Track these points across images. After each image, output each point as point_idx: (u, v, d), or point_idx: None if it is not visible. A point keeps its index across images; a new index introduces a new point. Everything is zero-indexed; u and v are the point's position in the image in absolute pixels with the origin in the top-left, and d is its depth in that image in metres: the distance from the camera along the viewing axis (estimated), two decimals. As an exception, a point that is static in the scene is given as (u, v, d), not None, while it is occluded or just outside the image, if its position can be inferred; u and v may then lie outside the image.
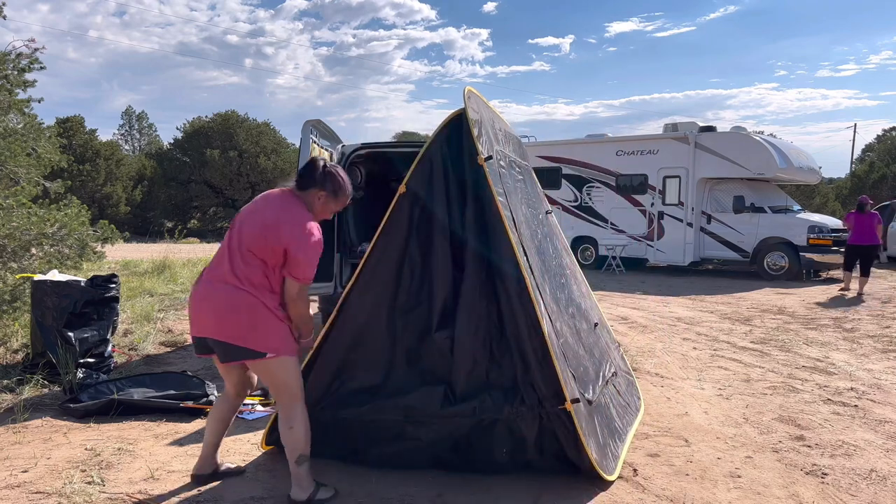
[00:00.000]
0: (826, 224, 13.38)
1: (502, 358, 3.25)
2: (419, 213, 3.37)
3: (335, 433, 3.41)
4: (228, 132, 37.18)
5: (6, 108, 6.03)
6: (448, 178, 3.39)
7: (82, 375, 4.85)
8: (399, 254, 3.36)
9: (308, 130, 5.79)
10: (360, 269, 3.39)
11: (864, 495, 3.29)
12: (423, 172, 3.39)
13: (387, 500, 3.10)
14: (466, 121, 3.36)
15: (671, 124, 15.01)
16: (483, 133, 3.47)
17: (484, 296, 3.28)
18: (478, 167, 3.32)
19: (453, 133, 3.41)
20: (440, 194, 3.37)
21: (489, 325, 3.27)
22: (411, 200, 3.37)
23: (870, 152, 40.00)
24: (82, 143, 33.70)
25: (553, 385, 3.13)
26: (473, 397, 3.22)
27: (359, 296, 3.39)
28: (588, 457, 3.15)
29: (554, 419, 3.17)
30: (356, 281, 3.40)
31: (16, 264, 5.80)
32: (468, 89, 3.49)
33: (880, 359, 6.32)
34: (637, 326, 8.09)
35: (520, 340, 3.20)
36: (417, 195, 3.37)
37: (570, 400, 3.11)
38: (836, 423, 4.40)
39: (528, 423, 3.21)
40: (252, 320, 2.89)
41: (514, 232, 3.33)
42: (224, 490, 3.21)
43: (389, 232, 3.38)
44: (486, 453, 3.30)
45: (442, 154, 3.40)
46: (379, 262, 3.38)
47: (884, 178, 27.49)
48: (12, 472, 3.42)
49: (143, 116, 61.73)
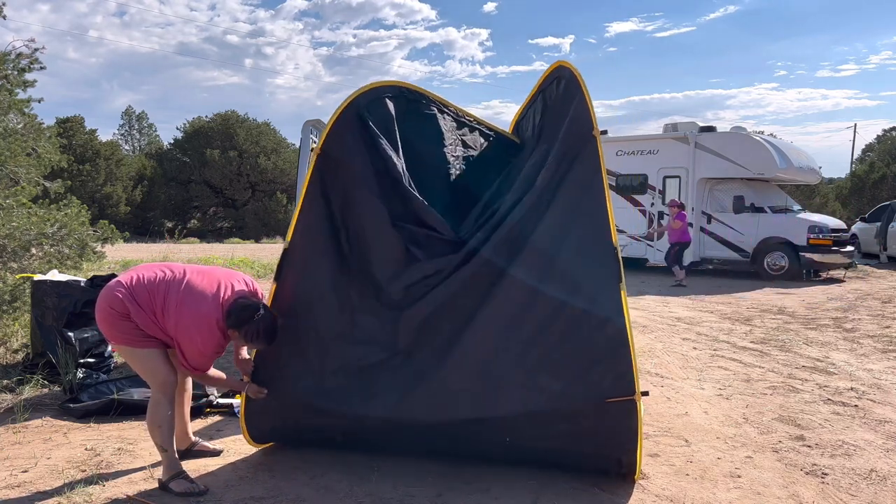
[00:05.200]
0: (826, 224, 13.37)
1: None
2: (337, 171, 3.47)
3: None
4: (228, 132, 37.17)
5: (6, 108, 6.03)
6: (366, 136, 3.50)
7: (82, 375, 4.84)
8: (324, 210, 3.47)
9: (308, 130, 5.79)
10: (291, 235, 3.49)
11: (864, 495, 3.29)
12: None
13: (387, 500, 3.10)
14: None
15: (671, 124, 15.00)
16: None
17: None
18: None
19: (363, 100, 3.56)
20: (357, 152, 3.47)
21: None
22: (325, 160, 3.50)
23: (870, 152, 39.99)
24: (82, 143, 33.69)
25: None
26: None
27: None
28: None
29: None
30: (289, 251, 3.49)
31: (16, 264, 5.80)
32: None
33: (880, 359, 6.32)
34: (637, 326, 8.09)
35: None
36: (334, 154, 3.48)
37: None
38: (836, 423, 4.40)
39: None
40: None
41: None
42: (224, 490, 3.21)
43: (313, 193, 3.48)
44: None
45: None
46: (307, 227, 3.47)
47: (884, 178, 27.45)
48: (12, 472, 3.42)
49: (143, 116, 61.62)
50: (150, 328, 3.16)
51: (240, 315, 3.14)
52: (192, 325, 3.10)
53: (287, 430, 3.66)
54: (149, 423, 3.21)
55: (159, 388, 3.20)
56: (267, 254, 18.15)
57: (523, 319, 3.18)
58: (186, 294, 3.15)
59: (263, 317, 3.17)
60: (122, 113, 69.37)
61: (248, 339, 3.19)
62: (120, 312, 3.13)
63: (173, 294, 3.15)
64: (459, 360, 3.20)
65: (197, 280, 3.21)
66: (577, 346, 3.13)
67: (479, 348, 3.20)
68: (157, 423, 3.18)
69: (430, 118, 3.80)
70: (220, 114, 38.70)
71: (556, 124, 3.50)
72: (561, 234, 3.25)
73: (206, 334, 3.12)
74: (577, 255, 3.22)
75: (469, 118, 4.07)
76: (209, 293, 3.17)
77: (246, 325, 3.14)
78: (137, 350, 3.17)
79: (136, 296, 3.14)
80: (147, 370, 3.21)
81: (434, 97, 3.90)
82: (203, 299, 3.14)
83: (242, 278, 3.42)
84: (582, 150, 3.32)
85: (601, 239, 3.21)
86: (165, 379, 3.20)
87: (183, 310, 3.11)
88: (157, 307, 3.14)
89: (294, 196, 6.40)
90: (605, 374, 3.10)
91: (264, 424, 3.61)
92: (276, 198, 35.72)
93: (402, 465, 3.44)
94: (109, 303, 3.14)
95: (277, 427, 3.64)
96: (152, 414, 3.20)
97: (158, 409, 3.19)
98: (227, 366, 3.82)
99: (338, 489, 3.22)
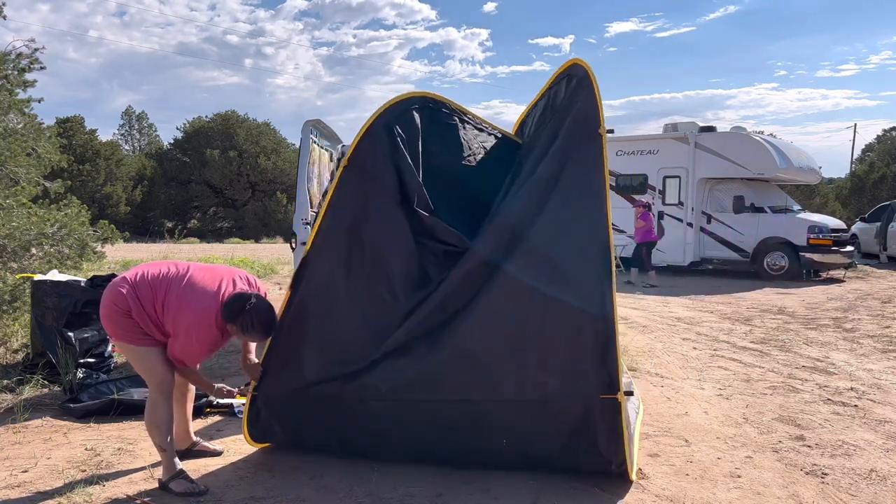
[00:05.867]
0: (826, 224, 13.37)
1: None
2: (367, 184, 3.51)
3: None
4: (228, 132, 37.20)
5: (6, 108, 6.03)
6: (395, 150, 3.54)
7: (82, 375, 4.85)
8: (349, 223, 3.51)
9: (308, 130, 5.80)
10: (311, 242, 3.52)
11: (864, 495, 3.29)
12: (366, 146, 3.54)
13: (387, 500, 3.10)
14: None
15: (671, 124, 15.00)
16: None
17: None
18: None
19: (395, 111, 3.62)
20: (386, 165, 3.51)
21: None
22: (356, 172, 3.53)
23: (870, 152, 39.98)
24: (82, 143, 33.71)
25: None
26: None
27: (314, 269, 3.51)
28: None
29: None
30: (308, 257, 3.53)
31: (16, 264, 5.80)
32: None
33: (880, 359, 6.32)
34: (637, 326, 8.09)
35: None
36: (362, 167, 3.51)
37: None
38: (836, 423, 4.40)
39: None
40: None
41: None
42: (224, 490, 3.21)
43: (336, 204, 3.51)
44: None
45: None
46: (328, 233, 3.50)
47: (884, 178, 27.45)
48: (12, 472, 3.42)
49: (143, 116, 61.61)
50: (148, 326, 3.16)
51: (232, 306, 3.14)
52: (191, 320, 3.11)
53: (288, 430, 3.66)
54: (147, 423, 3.22)
55: (157, 387, 3.21)
56: (267, 254, 18.16)
57: (516, 313, 3.23)
58: (188, 289, 3.15)
59: (256, 305, 3.15)
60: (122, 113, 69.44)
61: (244, 330, 3.17)
62: (122, 309, 3.14)
63: (175, 289, 3.16)
64: (453, 352, 3.26)
65: (199, 276, 3.22)
66: (566, 342, 3.16)
67: (471, 340, 3.25)
68: (155, 423, 3.19)
69: (452, 127, 3.85)
70: (220, 114, 38.75)
71: (560, 120, 3.51)
72: (558, 231, 3.27)
73: (203, 329, 3.12)
74: (573, 252, 3.23)
75: (487, 125, 4.12)
76: (210, 289, 3.17)
77: (240, 316, 3.13)
78: (138, 348, 3.18)
79: (138, 292, 3.15)
80: (145, 368, 3.22)
81: (455, 106, 3.96)
82: (204, 295, 3.14)
83: (245, 276, 3.42)
84: (586, 147, 3.33)
85: (598, 238, 3.22)
86: (163, 378, 3.21)
87: (183, 304, 3.12)
88: (158, 303, 3.15)
89: (294, 196, 6.40)
90: (591, 373, 3.13)
91: (265, 424, 3.61)
92: (276, 198, 35.74)
93: (401, 466, 3.44)
94: (113, 299, 3.16)
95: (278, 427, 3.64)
96: (150, 413, 3.20)
97: (156, 408, 3.19)
98: (230, 367, 3.82)
99: (338, 489, 3.22)
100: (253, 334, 3.22)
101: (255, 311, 3.14)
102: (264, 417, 3.57)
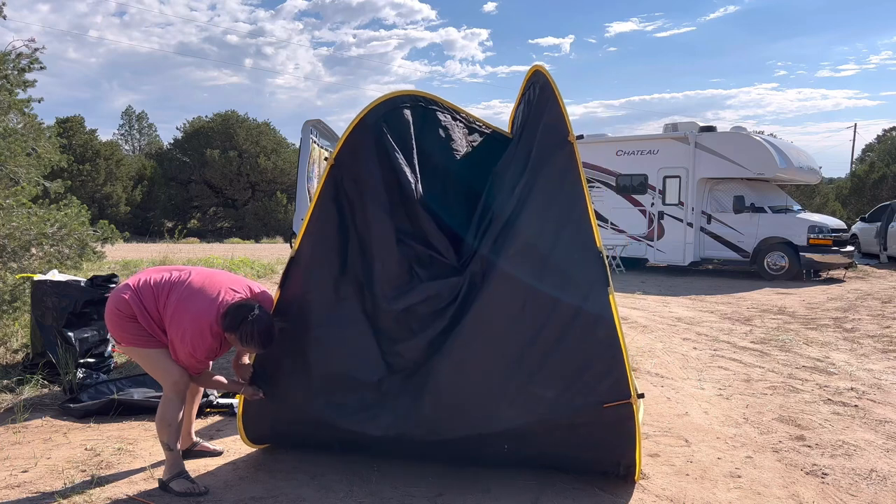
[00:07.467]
0: (826, 224, 13.37)
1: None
2: (349, 184, 3.46)
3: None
4: (228, 132, 37.18)
5: (6, 108, 6.03)
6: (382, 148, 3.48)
7: (82, 375, 4.84)
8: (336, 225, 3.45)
9: (308, 130, 5.80)
10: (298, 246, 3.47)
11: (864, 495, 3.29)
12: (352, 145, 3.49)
13: (387, 500, 3.10)
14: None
15: (671, 124, 15.00)
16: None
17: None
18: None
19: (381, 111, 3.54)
20: (371, 163, 3.45)
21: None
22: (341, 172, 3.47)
23: (870, 152, 39.99)
24: (82, 143, 33.69)
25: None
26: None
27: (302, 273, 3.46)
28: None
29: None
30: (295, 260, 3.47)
31: (16, 264, 5.80)
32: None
33: (880, 359, 6.32)
34: (637, 326, 8.09)
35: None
36: (348, 166, 3.46)
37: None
38: (836, 423, 4.40)
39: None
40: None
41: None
42: (224, 490, 3.21)
43: (322, 205, 3.45)
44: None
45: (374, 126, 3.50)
46: (316, 236, 3.44)
47: (884, 178, 27.43)
48: (12, 472, 3.42)
49: (143, 116, 61.67)
50: (154, 329, 3.17)
51: (234, 316, 3.12)
52: (186, 326, 3.11)
53: (283, 435, 3.67)
54: (158, 421, 3.21)
55: (172, 387, 3.20)
56: (267, 254, 18.14)
57: (515, 330, 3.14)
58: (186, 294, 3.16)
59: (258, 318, 3.12)
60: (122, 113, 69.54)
61: (244, 341, 3.14)
62: (126, 314, 3.15)
63: (175, 294, 3.17)
64: (454, 377, 3.16)
65: (198, 282, 3.22)
66: (570, 353, 3.09)
67: (473, 361, 3.16)
68: (168, 422, 3.18)
69: (444, 127, 3.80)
70: (219, 114, 38.71)
71: (533, 130, 3.47)
72: (546, 239, 3.20)
73: (197, 337, 3.10)
74: (562, 260, 3.17)
75: (479, 123, 4.08)
76: (208, 296, 3.16)
77: (241, 327, 3.11)
78: (150, 351, 3.19)
79: (142, 297, 3.17)
80: (159, 370, 3.22)
81: (447, 104, 3.90)
82: (200, 301, 3.14)
83: (247, 284, 3.40)
84: (558, 155, 3.28)
85: (587, 243, 3.15)
86: (178, 378, 3.20)
87: (180, 308, 3.13)
88: (160, 308, 3.16)
89: (294, 196, 6.40)
90: (600, 379, 3.07)
91: (261, 427, 3.61)
92: (276, 198, 35.73)
93: (402, 466, 3.44)
94: (116, 304, 3.18)
95: (274, 431, 3.65)
96: (163, 412, 3.20)
97: (170, 407, 3.19)
98: (226, 367, 3.82)
99: (338, 489, 3.22)
100: (253, 346, 3.19)
101: (256, 324, 3.12)
102: (256, 420, 3.57)
